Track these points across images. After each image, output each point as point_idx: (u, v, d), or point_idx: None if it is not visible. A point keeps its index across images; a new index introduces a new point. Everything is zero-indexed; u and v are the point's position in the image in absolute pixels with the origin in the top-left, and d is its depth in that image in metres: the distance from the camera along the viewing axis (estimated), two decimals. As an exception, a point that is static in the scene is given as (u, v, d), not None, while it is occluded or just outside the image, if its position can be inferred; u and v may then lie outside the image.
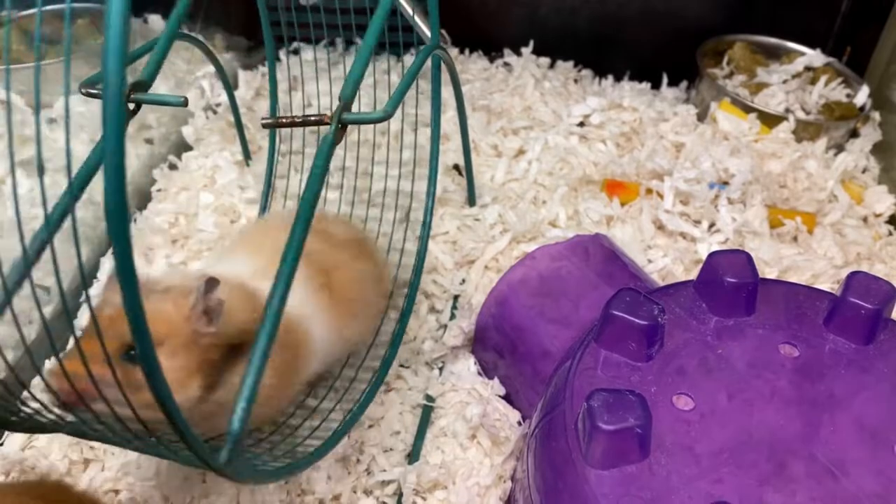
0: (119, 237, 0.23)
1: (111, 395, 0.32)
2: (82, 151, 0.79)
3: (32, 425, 0.36)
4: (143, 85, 0.47)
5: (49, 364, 0.42)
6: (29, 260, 0.34)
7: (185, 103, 0.49)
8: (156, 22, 1.00)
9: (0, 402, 0.34)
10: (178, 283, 0.44)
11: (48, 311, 0.62)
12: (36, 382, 0.55)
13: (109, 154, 0.22)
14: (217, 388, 0.43)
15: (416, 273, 0.66)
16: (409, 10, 0.78)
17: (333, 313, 0.53)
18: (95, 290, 0.68)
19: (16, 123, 0.83)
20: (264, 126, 0.46)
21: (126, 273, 0.24)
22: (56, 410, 0.36)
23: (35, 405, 0.35)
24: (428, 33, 0.71)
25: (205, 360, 0.42)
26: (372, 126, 0.74)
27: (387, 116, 0.44)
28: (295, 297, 0.49)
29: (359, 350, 0.60)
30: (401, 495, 0.54)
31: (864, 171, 0.88)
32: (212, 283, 0.42)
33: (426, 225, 0.68)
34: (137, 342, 0.26)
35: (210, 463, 0.32)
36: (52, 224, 0.37)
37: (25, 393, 0.35)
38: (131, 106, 0.47)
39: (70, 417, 0.36)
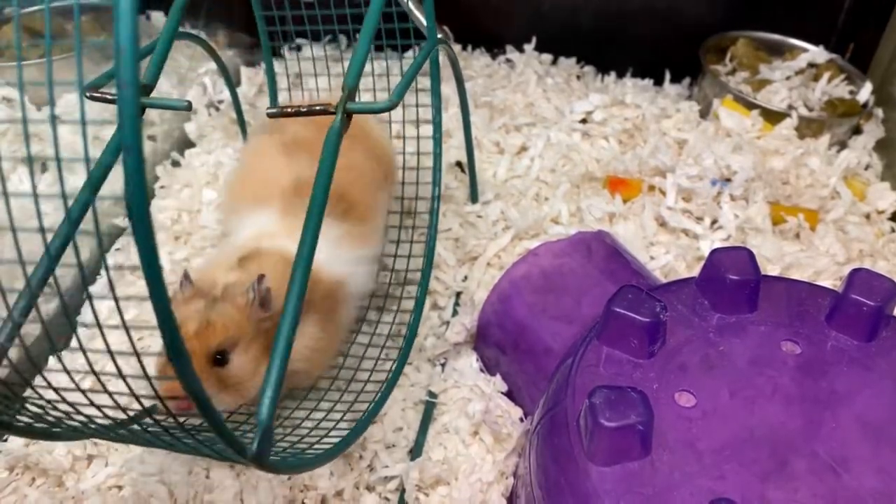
0: (146, 251, 0.23)
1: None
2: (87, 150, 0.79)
3: (32, 429, 0.36)
4: (146, 89, 0.48)
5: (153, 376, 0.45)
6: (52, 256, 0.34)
7: (189, 107, 0.49)
8: (158, 19, 1.00)
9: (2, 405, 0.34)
10: (227, 279, 0.49)
11: (52, 306, 0.63)
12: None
13: (131, 171, 0.22)
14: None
15: (424, 277, 0.66)
16: (411, 7, 0.78)
17: (358, 243, 0.57)
18: (98, 288, 0.69)
19: (18, 120, 0.83)
20: (269, 116, 0.46)
21: (154, 279, 0.24)
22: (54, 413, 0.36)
23: (39, 407, 0.35)
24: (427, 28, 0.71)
25: (269, 341, 0.46)
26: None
27: (392, 106, 0.44)
28: (322, 253, 0.52)
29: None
30: (403, 491, 0.54)
31: (866, 167, 0.88)
32: (261, 279, 0.48)
33: (433, 227, 0.68)
34: (168, 347, 0.27)
35: (243, 454, 0.33)
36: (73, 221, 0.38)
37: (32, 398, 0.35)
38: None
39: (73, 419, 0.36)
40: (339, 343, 0.58)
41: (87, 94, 0.46)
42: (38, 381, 0.33)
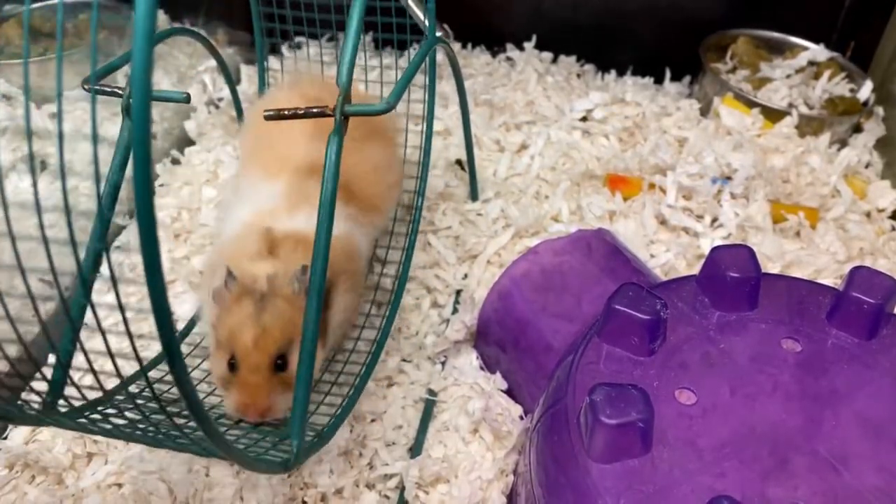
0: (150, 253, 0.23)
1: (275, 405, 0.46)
2: (85, 147, 0.79)
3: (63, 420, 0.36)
4: None
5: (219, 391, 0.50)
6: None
7: (188, 100, 0.49)
8: (158, 17, 1.00)
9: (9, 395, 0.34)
10: (268, 271, 0.49)
11: (51, 305, 0.62)
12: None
13: (138, 167, 0.22)
14: (325, 337, 0.51)
15: (407, 253, 0.66)
16: (410, 4, 0.78)
17: (364, 219, 0.58)
18: (97, 285, 0.69)
19: (18, 118, 0.83)
20: (267, 118, 0.46)
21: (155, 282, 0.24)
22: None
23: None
24: (426, 24, 0.71)
25: (319, 329, 0.47)
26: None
27: (389, 108, 0.44)
28: (336, 222, 0.52)
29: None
30: (403, 489, 0.54)
31: (867, 166, 0.88)
32: (305, 269, 0.47)
33: (417, 208, 0.68)
34: (169, 359, 0.27)
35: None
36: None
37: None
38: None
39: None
40: (360, 300, 0.60)
41: (87, 88, 0.46)
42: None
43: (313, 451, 0.46)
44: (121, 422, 0.36)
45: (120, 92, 0.47)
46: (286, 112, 0.45)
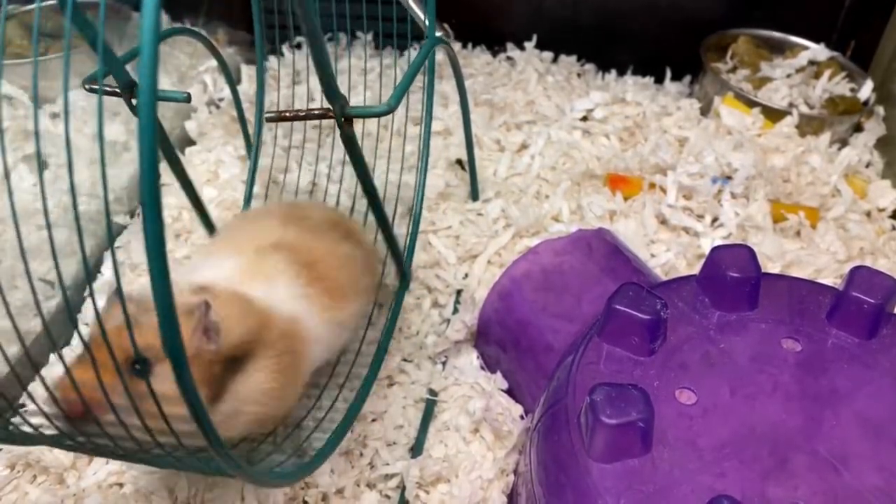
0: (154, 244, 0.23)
1: (118, 408, 0.32)
2: (85, 146, 0.80)
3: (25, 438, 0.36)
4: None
5: (53, 375, 0.42)
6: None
7: (188, 99, 0.49)
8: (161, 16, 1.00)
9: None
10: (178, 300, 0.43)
11: (52, 304, 0.63)
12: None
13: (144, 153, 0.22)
14: (221, 400, 0.43)
15: (408, 255, 0.65)
16: (411, 4, 0.78)
17: (326, 303, 0.52)
18: (98, 284, 0.69)
19: (18, 118, 0.83)
20: (268, 120, 0.46)
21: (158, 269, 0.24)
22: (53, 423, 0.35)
23: (34, 420, 0.35)
24: (426, 24, 0.71)
25: (209, 373, 0.42)
26: (375, 120, 0.74)
27: (390, 110, 0.44)
28: (286, 297, 0.49)
29: (357, 335, 0.59)
30: (404, 489, 0.55)
31: (867, 165, 0.88)
32: (207, 307, 0.42)
33: (417, 206, 0.68)
34: (167, 341, 0.25)
35: (240, 468, 0.32)
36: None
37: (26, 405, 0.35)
38: (134, 102, 0.47)
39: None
40: (297, 390, 0.51)
41: (87, 87, 0.46)
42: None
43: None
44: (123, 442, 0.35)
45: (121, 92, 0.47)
46: (287, 114, 0.45)
